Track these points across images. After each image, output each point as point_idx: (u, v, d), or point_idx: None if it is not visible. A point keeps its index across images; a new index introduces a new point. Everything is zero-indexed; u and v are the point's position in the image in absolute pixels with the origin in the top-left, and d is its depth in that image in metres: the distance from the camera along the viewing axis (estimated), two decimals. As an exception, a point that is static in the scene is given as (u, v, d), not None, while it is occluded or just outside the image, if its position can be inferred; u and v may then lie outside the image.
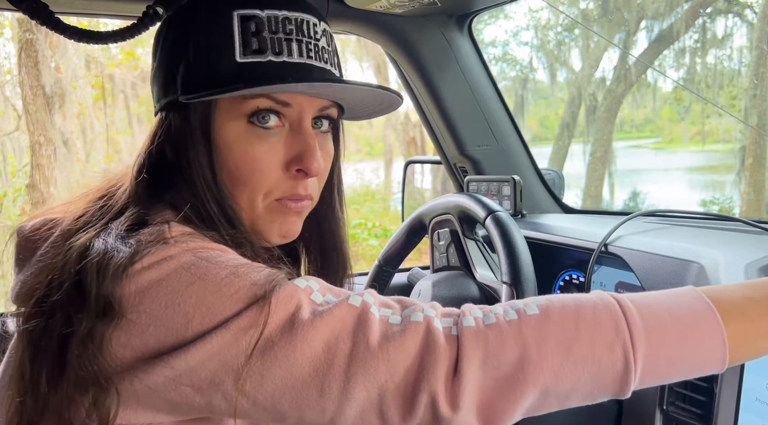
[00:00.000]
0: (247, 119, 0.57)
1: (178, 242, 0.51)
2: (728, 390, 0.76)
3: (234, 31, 0.57)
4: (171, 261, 0.49)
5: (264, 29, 0.57)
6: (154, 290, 0.48)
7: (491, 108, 1.37)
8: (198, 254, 0.50)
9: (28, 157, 4.82)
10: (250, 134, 0.58)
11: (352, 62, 7.60)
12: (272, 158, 0.58)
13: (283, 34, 0.57)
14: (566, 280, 1.18)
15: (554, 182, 1.48)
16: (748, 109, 5.38)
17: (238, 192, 0.59)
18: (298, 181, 0.60)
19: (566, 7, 6.09)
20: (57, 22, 0.72)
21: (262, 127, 0.58)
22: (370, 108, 0.66)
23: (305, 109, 0.59)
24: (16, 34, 4.62)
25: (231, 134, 0.57)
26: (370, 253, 5.37)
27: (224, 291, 0.48)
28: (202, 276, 0.48)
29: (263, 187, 0.59)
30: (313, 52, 0.59)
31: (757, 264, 0.82)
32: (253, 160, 0.58)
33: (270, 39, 0.57)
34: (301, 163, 0.59)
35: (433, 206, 1.03)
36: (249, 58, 0.57)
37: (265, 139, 0.58)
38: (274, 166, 0.58)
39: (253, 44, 0.57)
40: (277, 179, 0.59)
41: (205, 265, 0.49)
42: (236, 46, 0.56)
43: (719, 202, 6.13)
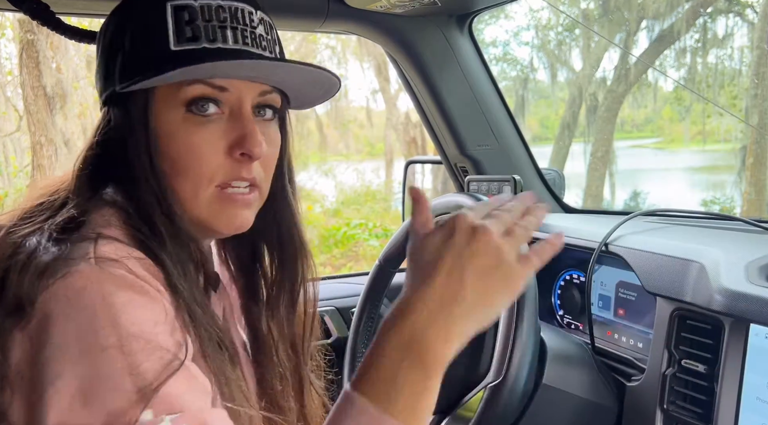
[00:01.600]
0: (186, 108, 0.57)
1: (97, 270, 0.49)
2: (729, 389, 0.76)
3: (168, 20, 0.57)
4: (79, 295, 0.48)
5: (197, 18, 0.57)
6: (51, 319, 0.47)
7: (492, 108, 1.38)
8: (107, 299, 0.48)
9: (29, 157, 4.83)
10: (188, 122, 0.58)
11: (352, 62, 7.61)
12: (213, 144, 0.58)
13: (218, 21, 0.58)
14: (567, 280, 1.18)
15: (555, 182, 1.48)
16: (748, 108, 5.38)
17: (180, 182, 0.58)
18: (242, 164, 0.59)
19: (567, 6, 6.09)
20: (58, 23, 0.72)
21: (201, 115, 0.58)
22: (310, 93, 0.66)
23: (244, 93, 0.59)
24: (17, 34, 4.63)
25: (170, 123, 0.58)
26: (370, 253, 5.38)
27: (96, 374, 0.46)
28: (88, 348, 0.46)
29: (205, 173, 0.58)
30: (249, 38, 0.59)
31: (757, 263, 0.83)
32: (193, 147, 0.57)
33: (204, 27, 0.57)
34: (243, 146, 0.58)
35: (433, 206, 1.03)
36: (183, 45, 0.57)
37: (205, 126, 0.58)
38: (215, 152, 0.58)
39: (187, 32, 0.57)
40: (218, 165, 0.58)
41: (100, 325, 0.47)
42: (170, 34, 0.57)
43: (720, 201, 6.13)
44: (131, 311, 0.48)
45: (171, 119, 0.58)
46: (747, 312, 0.75)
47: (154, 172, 0.57)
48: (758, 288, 0.76)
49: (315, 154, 8.08)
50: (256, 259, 0.72)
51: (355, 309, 1.13)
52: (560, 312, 1.20)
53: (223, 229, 0.61)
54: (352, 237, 5.56)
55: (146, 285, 0.51)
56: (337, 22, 1.19)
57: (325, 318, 1.38)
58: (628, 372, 0.97)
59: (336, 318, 1.38)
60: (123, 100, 0.59)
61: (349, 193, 7.66)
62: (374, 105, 8.32)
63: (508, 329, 0.80)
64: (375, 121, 8.48)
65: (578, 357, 0.95)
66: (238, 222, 0.61)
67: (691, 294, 0.83)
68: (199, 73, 0.56)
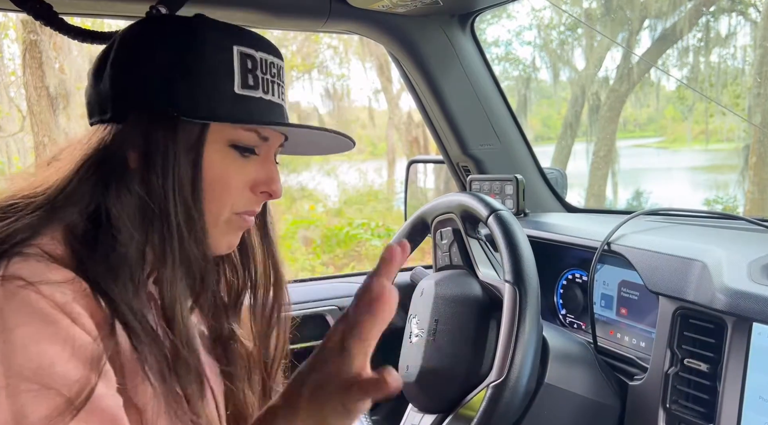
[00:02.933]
0: (229, 143, 0.62)
1: (2, 295, 0.49)
2: (732, 389, 0.76)
3: (234, 64, 0.61)
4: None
5: (257, 68, 0.63)
6: None
7: (494, 107, 1.38)
8: (5, 333, 0.47)
9: (32, 157, 4.84)
10: (229, 157, 0.63)
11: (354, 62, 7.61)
12: (243, 179, 0.64)
13: (269, 75, 0.64)
14: (569, 279, 1.18)
15: (557, 181, 1.48)
16: (751, 107, 5.37)
17: (207, 204, 0.62)
18: (259, 200, 0.66)
19: (569, 6, 6.08)
20: (61, 23, 0.73)
21: (240, 154, 0.63)
22: (326, 148, 0.74)
23: (275, 143, 0.67)
24: (20, 35, 4.64)
25: (213, 153, 0.62)
26: (372, 253, 5.37)
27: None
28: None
29: (230, 201, 0.64)
30: (284, 95, 0.68)
31: (760, 263, 0.82)
32: (228, 179, 0.63)
33: (262, 79, 0.63)
34: (269, 187, 0.66)
35: (435, 205, 1.03)
36: (245, 91, 0.62)
37: (240, 162, 0.64)
38: (243, 186, 0.64)
39: (249, 80, 0.62)
40: (242, 196, 0.65)
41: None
42: (236, 78, 0.61)
43: (723, 201, 6.11)
44: (28, 347, 0.47)
45: (215, 149, 0.62)
46: (749, 311, 0.75)
47: (194, 192, 0.60)
48: (761, 287, 0.76)
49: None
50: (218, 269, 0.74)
51: (357, 309, 1.12)
52: (563, 312, 1.20)
53: (220, 249, 0.67)
54: (354, 236, 5.56)
55: (54, 312, 0.49)
56: (340, 21, 1.19)
57: (327, 318, 1.38)
58: (630, 371, 0.97)
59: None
60: (173, 125, 0.59)
61: (352, 193, 7.65)
62: (376, 105, 8.32)
63: (510, 328, 0.80)
64: (377, 120, 8.47)
65: (581, 357, 0.95)
66: (233, 241, 0.67)
67: (693, 293, 0.83)
68: (265, 127, 0.63)
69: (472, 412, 0.82)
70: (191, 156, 0.60)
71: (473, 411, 0.81)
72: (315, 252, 5.44)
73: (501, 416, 0.79)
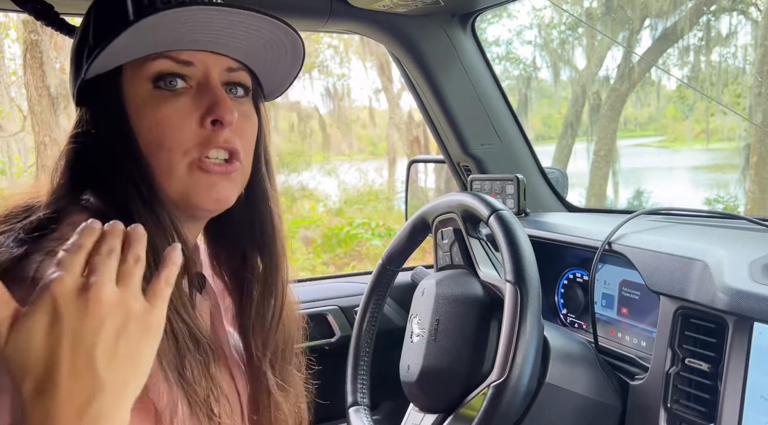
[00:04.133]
0: (153, 84, 0.58)
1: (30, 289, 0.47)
2: (733, 388, 0.76)
3: (127, 1, 0.58)
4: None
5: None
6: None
7: (494, 107, 1.38)
8: None
9: (33, 157, 4.84)
10: (156, 97, 0.58)
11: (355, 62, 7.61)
12: (183, 116, 0.58)
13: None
14: (570, 279, 1.18)
15: (558, 181, 1.48)
16: (752, 107, 5.36)
17: (155, 156, 0.58)
18: (216, 132, 0.59)
19: (570, 5, 6.08)
20: (62, 23, 0.73)
21: (168, 90, 0.58)
22: (276, 63, 0.65)
23: (209, 66, 0.60)
24: (21, 35, 4.64)
25: (138, 100, 0.58)
26: (373, 253, 5.37)
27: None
28: None
29: (179, 144, 0.58)
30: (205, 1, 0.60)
31: (761, 262, 0.82)
32: (164, 121, 0.57)
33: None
34: (214, 113, 0.58)
35: (436, 205, 1.03)
36: (141, 16, 0.56)
37: (173, 99, 0.58)
38: (186, 124, 0.58)
39: (144, 2, 0.57)
40: (192, 135, 0.58)
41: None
42: (129, 9, 0.57)
43: (724, 200, 6.11)
44: None
45: (139, 96, 0.58)
46: (750, 310, 0.75)
47: (131, 150, 0.57)
48: (762, 287, 0.76)
49: (318, 154, 8.08)
50: (246, 263, 0.71)
51: (358, 309, 1.13)
52: (563, 311, 1.20)
53: (203, 203, 0.60)
54: (355, 236, 5.56)
55: None
56: (340, 21, 1.19)
57: (329, 318, 1.38)
58: (631, 371, 0.97)
59: (339, 317, 1.39)
60: (92, 88, 0.59)
61: (352, 193, 7.66)
62: (377, 104, 8.32)
63: (511, 328, 0.80)
64: (378, 120, 8.47)
65: (582, 356, 0.95)
66: (216, 194, 0.60)
67: (694, 292, 0.83)
68: (147, 27, 0.55)
69: (473, 412, 0.82)
70: (114, 108, 0.58)
71: (474, 411, 0.81)
72: (315, 252, 5.45)
73: (502, 416, 0.78)
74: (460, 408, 0.85)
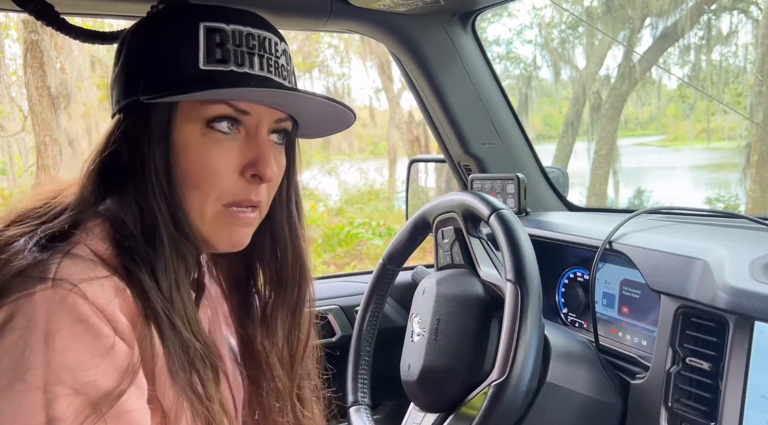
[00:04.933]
0: (206, 124, 0.59)
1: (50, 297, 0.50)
2: (734, 387, 0.76)
3: (199, 40, 0.59)
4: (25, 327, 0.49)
5: (228, 41, 0.59)
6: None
7: (495, 106, 1.37)
8: (48, 338, 0.49)
9: (33, 157, 4.84)
10: (206, 138, 0.59)
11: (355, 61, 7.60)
12: (227, 162, 0.59)
13: (246, 47, 0.60)
14: (570, 278, 1.18)
15: (558, 180, 1.48)
16: (753, 106, 5.36)
17: (189, 195, 0.59)
18: (251, 186, 0.61)
19: (570, 4, 6.07)
20: (62, 23, 0.73)
21: (219, 132, 0.59)
22: (323, 124, 0.68)
23: (263, 118, 0.61)
24: (22, 35, 4.64)
25: (188, 137, 0.59)
26: (374, 252, 5.37)
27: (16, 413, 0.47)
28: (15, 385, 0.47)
29: (215, 190, 0.60)
30: (273, 67, 0.62)
31: (762, 261, 0.82)
32: (208, 163, 0.59)
33: (233, 51, 0.59)
34: (256, 168, 0.60)
35: (436, 204, 1.03)
36: (212, 66, 0.59)
37: (221, 143, 0.59)
38: (228, 170, 0.60)
39: (217, 54, 0.59)
40: (229, 183, 0.60)
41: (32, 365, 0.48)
42: (200, 54, 0.59)
43: (725, 199, 6.11)
44: (68, 351, 0.49)
45: (190, 133, 0.59)
46: (751, 309, 0.75)
47: (169, 180, 0.58)
48: (763, 286, 0.76)
49: (318, 153, 8.08)
50: (250, 277, 0.72)
51: (358, 308, 1.13)
52: (564, 311, 1.20)
53: (221, 246, 0.63)
54: (355, 236, 5.56)
55: (93, 316, 0.51)
56: (340, 21, 1.19)
57: (329, 317, 1.38)
58: (632, 370, 0.97)
59: (340, 317, 1.39)
60: (144, 110, 0.59)
61: (353, 192, 7.66)
62: (377, 104, 8.32)
63: (512, 327, 0.80)
64: (378, 120, 8.47)
65: (582, 355, 0.95)
66: (236, 239, 0.63)
67: (695, 291, 0.83)
68: (227, 95, 0.58)
69: (474, 411, 0.82)
70: (163, 141, 0.58)
71: (475, 410, 0.81)
72: (316, 252, 5.44)
73: (503, 415, 0.78)
74: (460, 407, 0.85)
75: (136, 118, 0.60)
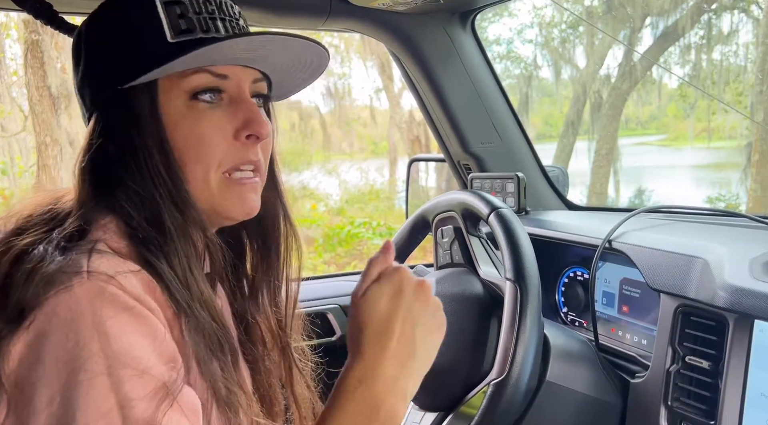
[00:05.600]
0: (189, 97, 0.59)
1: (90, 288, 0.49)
2: (733, 386, 0.76)
3: (160, 16, 0.59)
4: (71, 317, 0.48)
5: (189, 11, 0.59)
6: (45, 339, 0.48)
7: (495, 105, 1.37)
8: (98, 324, 0.48)
9: (34, 157, 4.85)
10: (193, 111, 0.59)
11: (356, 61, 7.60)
12: (219, 130, 0.60)
13: (207, 14, 0.60)
14: (570, 277, 1.18)
15: (558, 179, 1.48)
16: (754, 105, 5.35)
17: (190, 170, 0.59)
18: (248, 147, 0.61)
19: (570, 4, 6.07)
20: (61, 22, 0.73)
21: (204, 102, 0.59)
22: (298, 74, 0.67)
23: (242, 79, 0.62)
24: (22, 35, 4.65)
25: (175, 114, 0.59)
26: (374, 252, 5.35)
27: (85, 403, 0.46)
28: (78, 375, 0.47)
29: (215, 158, 0.60)
30: (237, 28, 0.62)
31: (761, 260, 0.82)
32: (201, 135, 0.59)
33: (196, 19, 0.59)
34: (250, 127, 0.60)
35: (436, 203, 1.03)
36: (180, 37, 0.59)
37: (209, 113, 0.60)
38: (222, 137, 0.60)
39: (182, 25, 0.59)
40: (227, 148, 0.60)
41: (90, 352, 0.47)
42: (165, 28, 0.59)
43: (725, 198, 6.10)
44: (122, 336, 0.49)
45: (176, 109, 0.59)
46: (751, 308, 0.75)
47: (167, 161, 0.58)
48: (762, 285, 0.76)
49: (319, 153, 8.08)
50: (242, 249, 0.72)
51: (358, 307, 1.13)
52: (564, 310, 1.20)
53: (236, 214, 0.63)
54: (356, 235, 5.56)
55: (138, 305, 0.51)
56: (340, 20, 1.19)
57: (329, 316, 1.38)
58: (632, 368, 0.97)
59: (340, 316, 1.39)
60: (124, 100, 0.59)
61: (353, 192, 7.65)
62: (378, 103, 8.32)
63: (511, 326, 0.80)
64: (378, 119, 8.47)
65: (582, 354, 0.95)
66: (248, 205, 0.63)
67: (695, 290, 0.83)
68: (202, 58, 0.57)
69: (473, 410, 0.82)
70: (152, 122, 0.58)
71: (474, 409, 0.81)
72: (317, 251, 5.44)
73: (502, 414, 0.79)
74: (460, 406, 0.85)
75: (117, 111, 0.59)
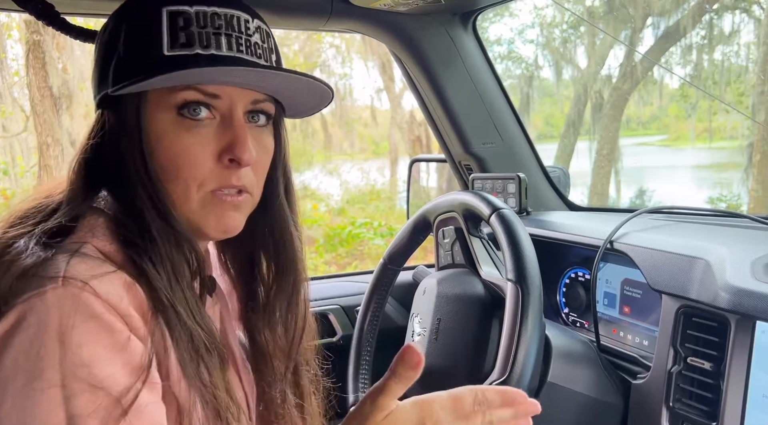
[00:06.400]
0: (177, 111, 0.58)
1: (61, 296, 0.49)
2: (735, 387, 0.76)
3: (163, 25, 0.57)
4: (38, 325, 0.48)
5: (192, 24, 0.57)
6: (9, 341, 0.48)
7: (496, 106, 1.37)
8: (63, 336, 0.48)
9: (35, 158, 4.85)
10: (179, 126, 0.58)
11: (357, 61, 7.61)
12: (203, 149, 0.58)
13: (212, 28, 0.58)
14: (572, 278, 1.18)
15: (560, 180, 1.48)
16: (755, 105, 5.34)
17: (171, 185, 0.58)
18: (231, 171, 0.59)
19: (571, 4, 6.07)
20: (63, 23, 0.73)
21: (191, 119, 0.58)
22: (304, 102, 0.66)
23: (235, 100, 0.59)
24: (24, 35, 4.65)
25: (160, 126, 0.58)
26: (375, 252, 5.37)
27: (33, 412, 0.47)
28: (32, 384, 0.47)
29: (196, 177, 0.58)
30: (244, 46, 0.59)
31: (763, 261, 0.82)
32: (183, 151, 0.58)
33: (198, 33, 0.57)
34: (232, 152, 0.58)
35: (437, 204, 1.03)
36: (176, 51, 0.57)
37: (195, 130, 0.58)
38: (205, 157, 0.58)
39: (181, 38, 0.57)
40: (209, 170, 0.59)
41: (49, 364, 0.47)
42: (164, 39, 0.57)
43: (727, 199, 6.09)
44: (83, 348, 0.49)
45: (162, 122, 0.58)
46: (753, 309, 0.75)
47: (147, 173, 0.57)
48: (764, 286, 0.75)
49: (320, 153, 8.08)
50: (254, 266, 0.71)
51: (359, 308, 1.13)
52: (565, 310, 1.19)
53: (212, 232, 0.61)
54: (357, 236, 5.56)
55: (107, 313, 0.51)
56: (341, 20, 1.19)
57: (330, 317, 1.38)
58: (633, 369, 0.97)
59: (341, 317, 1.39)
60: (116, 103, 0.59)
61: (354, 192, 7.66)
62: (379, 104, 8.32)
63: (512, 326, 0.80)
64: (380, 120, 8.47)
65: (583, 355, 0.95)
66: (225, 223, 0.61)
67: (696, 291, 0.83)
68: (188, 78, 0.56)
69: (475, 411, 0.82)
70: (135, 132, 0.57)
71: (476, 410, 0.81)
72: (318, 252, 5.44)
73: (503, 414, 0.78)
74: (461, 407, 0.85)
75: (111, 112, 0.60)
